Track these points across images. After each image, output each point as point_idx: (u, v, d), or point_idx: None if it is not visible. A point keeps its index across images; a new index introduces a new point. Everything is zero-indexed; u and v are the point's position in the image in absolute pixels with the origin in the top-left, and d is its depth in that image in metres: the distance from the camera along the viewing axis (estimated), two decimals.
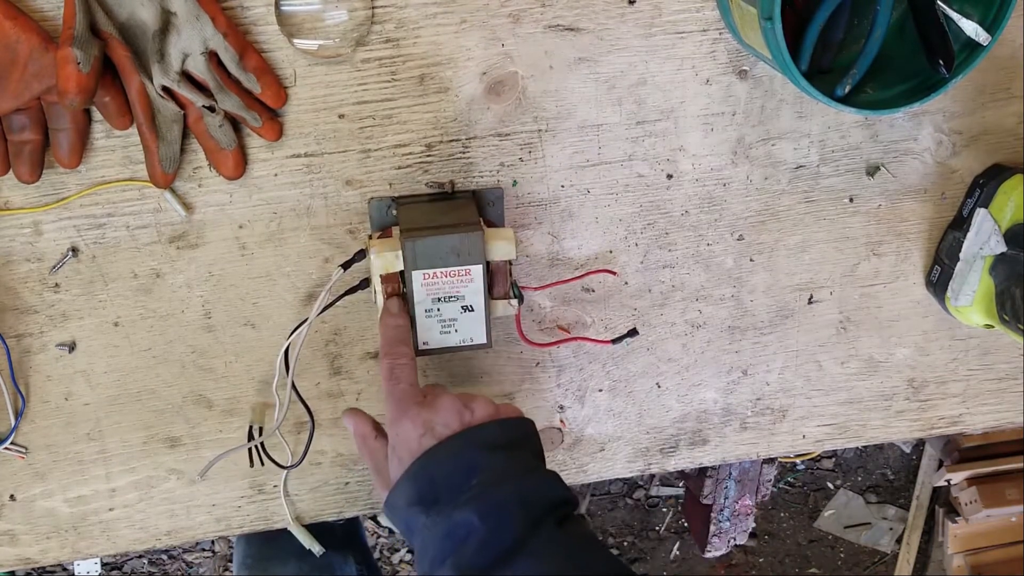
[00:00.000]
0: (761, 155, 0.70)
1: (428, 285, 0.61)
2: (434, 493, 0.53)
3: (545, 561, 0.49)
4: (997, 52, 0.69)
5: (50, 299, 0.67)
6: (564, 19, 0.64)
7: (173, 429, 0.72)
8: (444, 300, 0.62)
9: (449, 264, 0.60)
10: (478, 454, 0.53)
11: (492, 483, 0.52)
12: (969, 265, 0.71)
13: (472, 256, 0.60)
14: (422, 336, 0.63)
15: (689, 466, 0.80)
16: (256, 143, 0.64)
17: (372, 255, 0.61)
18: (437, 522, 0.52)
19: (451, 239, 0.60)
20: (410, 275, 0.61)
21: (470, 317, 0.62)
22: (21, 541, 0.73)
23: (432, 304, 0.62)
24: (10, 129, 0.60)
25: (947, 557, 1.78)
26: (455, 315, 0.62)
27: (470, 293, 0.62)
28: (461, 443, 0.54)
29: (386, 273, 0.62)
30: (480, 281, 0.61)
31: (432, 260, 0.60)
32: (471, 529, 0.50)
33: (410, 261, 0.60)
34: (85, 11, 0.55)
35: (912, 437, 0.83)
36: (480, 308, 0.62)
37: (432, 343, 0.63)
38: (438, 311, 0.62)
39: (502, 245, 0.62)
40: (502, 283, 0.63)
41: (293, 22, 0.61)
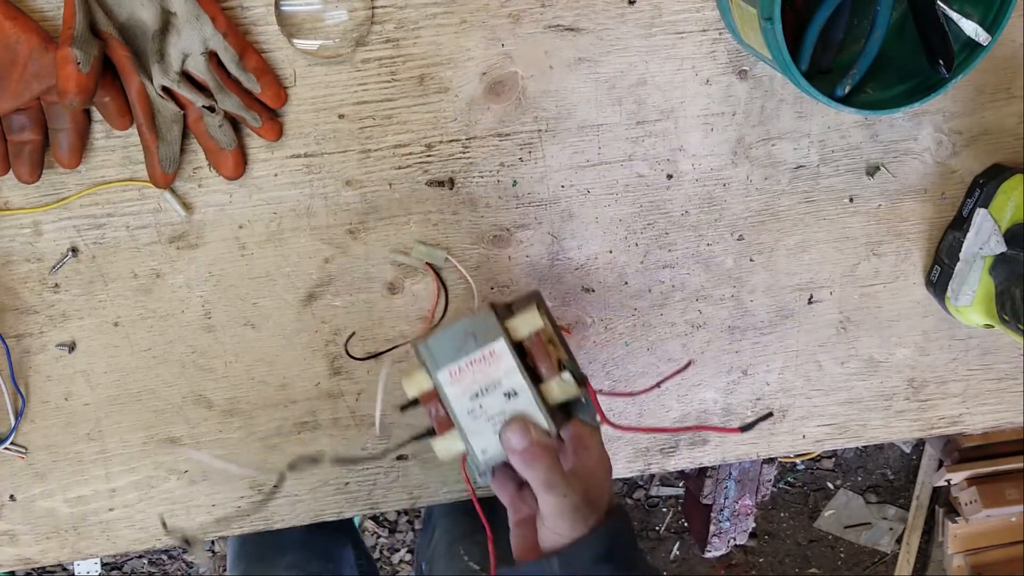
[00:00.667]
0: (761, 155, 0.70)
1: (458, 382, 0.55)
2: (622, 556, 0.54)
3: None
4: (997, 52, 0.69)
5: (50, 299, 0.67)
6: (564, 19, 0.64)
7: (173, 429, 0.72)
8: (483, 393, 0.55)
9: (470, 349, 0.54)
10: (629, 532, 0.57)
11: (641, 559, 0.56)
12: (969, 265, 0.71)
13: (489, 332, 0.54)
14: (477, 444, 0.55)
15: (689, 466, 0.80)
16: (256, 143, 0.64)
17: (404, 383, 0.56)
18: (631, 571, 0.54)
19: (461, 324, 0.55)
20: (435, 378, 0.55)
21: (518, 404, 0.55)
22: (21, 541, 0.73)
23: (472, 403, 0.55)
24: (10, 129, 0.60)
25: (947, 557, 1.78)
26: (501, 407, 0.55)
27: (506, 376, 0.54)
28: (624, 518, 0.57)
29: (423, 393, 0.56)
30: (509, 358, 0.54)
31: (451, 354, 0.55)
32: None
33: (431, 362, 0.55)
34: (85, 11, 0.55)
35: (912, 437, 0.83)
36: (524, 389, 0.55)
37: (491, 449, 0.55)
38: (480, 407, 0.55)
39: (524, 319, 0.55)
40: (545, 360, 0.55)
41: (293, 22, 0.61)
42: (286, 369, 0.71)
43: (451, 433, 0.56)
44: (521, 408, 0.55)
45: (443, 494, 0.77)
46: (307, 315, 0.70)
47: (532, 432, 0.54)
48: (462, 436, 0.56)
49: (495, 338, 0.54)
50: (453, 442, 0.56)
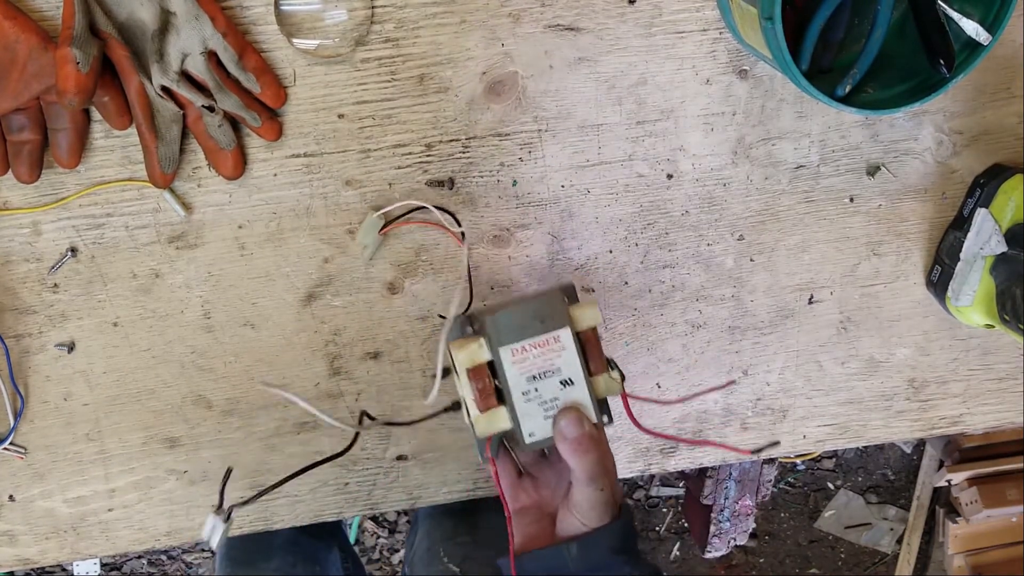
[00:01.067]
0: (761, 155, 0.70)
1: (519, 363, 0.55)
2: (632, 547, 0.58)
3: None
4: (997, 52, 0.69)
5: (49, 299, 0.67)
6: (564, 19, 0.64)
7: (172, 429, 0.72)
8: (540, 377, 0.55)
9: (536, 332, 0.55)
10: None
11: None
12: (969, 265, 0.71)
13: (557, 319, 0.55)
14: (526, 426, 0.56)
15: (689, 466, 0.80)
16: (255, 143, 0.64)
17: (454, 351, 0.55)
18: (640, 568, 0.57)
19: (531, 304, 0.55)
20: (498, 354, 0.55)
21: (571, 392, 0.56)
22: (20, 541, 0.73)
23: (528, 385, 0.55)
24: (9, 129, 0.60)
25: (947, 557, 1.78)
26: (555, 393, 0.56)
27: (565, 364, 0.55)
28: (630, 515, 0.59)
29: (473, 366, 0.55)
30: (572, 346, 0.55)
31: (517, 332, 0.55)
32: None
33: (495, 338, 0.54)
34: (84, 11, 0.55)
35: (912, 437, 0.82)
36: (580, 380, 0.56)
37: (538, 433, 0.56)
38: (536, 391, 0.55)
39: (587, 312, 0.56)
40: (597, 356, 0.57)
41: (293, 22, 0.61)
42: (286, 369, 0.71)
43: (497, 411, 0.56)
44: (574, 397, 0.56)
45: (443, 494, 0.77)
46: (307, 315, 0.70)
47: (585, 423, 0.55)
48: (512, 416, 0.55)
49: (562, 325, 0.55)
50: (499, 420, 0.56)
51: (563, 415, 0.55)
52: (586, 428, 0.55)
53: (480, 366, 0.55)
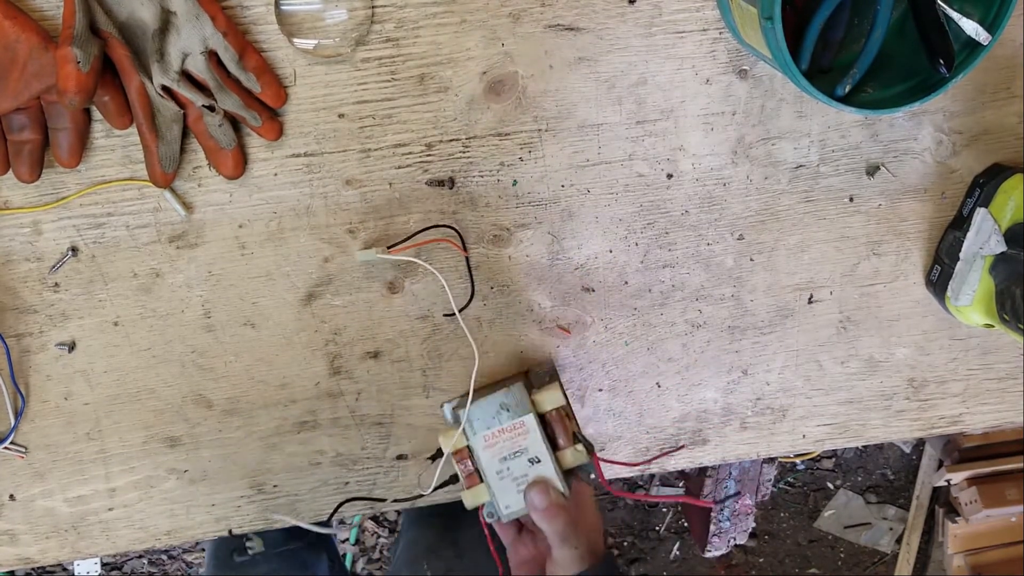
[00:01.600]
0: (761, 155, 0.70)
1: (491, 447, 0.66)
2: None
3: None
4: (997, 52, 0.69)
5: (50, 299, 0.67)
6: (564, 19, 0.64)
7: (173, 429, 0.72)
8: (510, 458, 0.66)
9: (503, 420, 0.65)
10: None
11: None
12: (969, 265, 0.71)
13: (520, 407, 0.65)
14: (503, 501, 0.66)
15: (689, 466, 0.80)
16: (256, 143, 0.64)
17: (440, 439, 0.66)
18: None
19: (496, 396, 0.65)
20: (471, 441, 0.66)
21: (540, 469, 0.66)
22: (21, 541, 0.73)
23: (500, 465, 0.66)
24: (10, 129, 0.60)
25: (947, 557, 1.78)
26: (524, 470, 0.66)
27: (531, 445, 0.65)
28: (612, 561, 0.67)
29: (456, 451, 0.66)
30: (535, 430, 0.65)
31: (487, 422, 0.65)
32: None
33: (469, 429, 0.65)
34: (85, 10, 0.55)
35: (912, 437, 0.83)
36: (546, 457, 0.65)
37: (513, 506, 0.66)
38: (508, 470, 0.66)
39: (549, 395, 0.66)
40: (563, 432, 0.66)
41: (293, 22, 0.61)
42: (286, 369, 0.71)
43: (479, 487, 0.66)
44: (541, 472, 0.66)
45: (443, 494, 0.77)
46: (307, 315, 0.70)
47: (552, 494, 0.65)
48: (490, 492, 0.66)
49: (525, 412, 0.65)
50: (481, 495, 0.67)
51: (531, 488, 0.65)
52: (552, 498, 0.64)
53: (462, 450, 0.66)
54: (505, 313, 0.72)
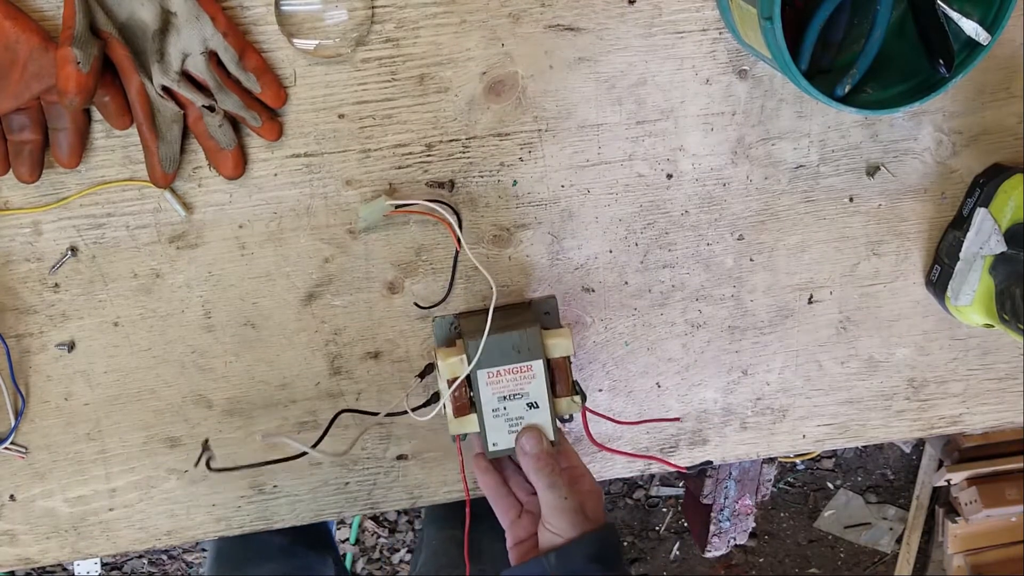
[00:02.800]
0: (761, 155, 0.70)
1: (493, 384, 0.63)
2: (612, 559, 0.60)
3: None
4: (997, 52, 0.69)
5: (50, 299, 0.67)
6: (564, 19, 0.64)
7: (173, 429, 0.72)
8: (509, 398, 0.64)
9: (511, 361, 0.63)
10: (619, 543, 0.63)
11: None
12: (969, 265, 0.71)
13: (532, 352, 0.63)
14: (491, 437, 0.65)
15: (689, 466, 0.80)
16: (256, 143, 0.64)
17: (439, 363, 0.64)
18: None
19: (511, 336, 0.63)
20: (475, 374, 0.63)
21: (535, 414, 0.64)
22: (21, 541, 0.73)
23: (499, 403, 0.64)
24: (10, 129, 0.60)
25: (947, 557, 1.78)
26: (521, 413, 0.64)
27: (533, 390, 0.64)
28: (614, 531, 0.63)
29: (452, 378, 0.64)
30: (542, 377, 0.64)
31: (495, 358, 0.63)
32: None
33: (474, 360, 0.63)
34: (85, 11, 0.55)
35: (912, 437, 0.83)
36: (545, 404, 0.64)
37: (501, 444, 0.65)
38: (504, 410, 0.64)
39: (560, 343, 0.64)
40: (564, 380, 0.65)
41: (293, 22, 0.61)
42: (286, 369, 0.71)
43: (468, 418, 0.65)
44: (537, 420, 0.64)
45: (443, 494, 0.77)
46: (307, 315, 0.70)
47: (544, 442, 0.64)
48: (480, 426, 0.64)
49: (536, 358, 0.63)
50: (468, 425, 0.65)
51: (525, 433, 0.64)
52: (544, 446, 0.63)
53: (459, 378, 0.64)
54: None
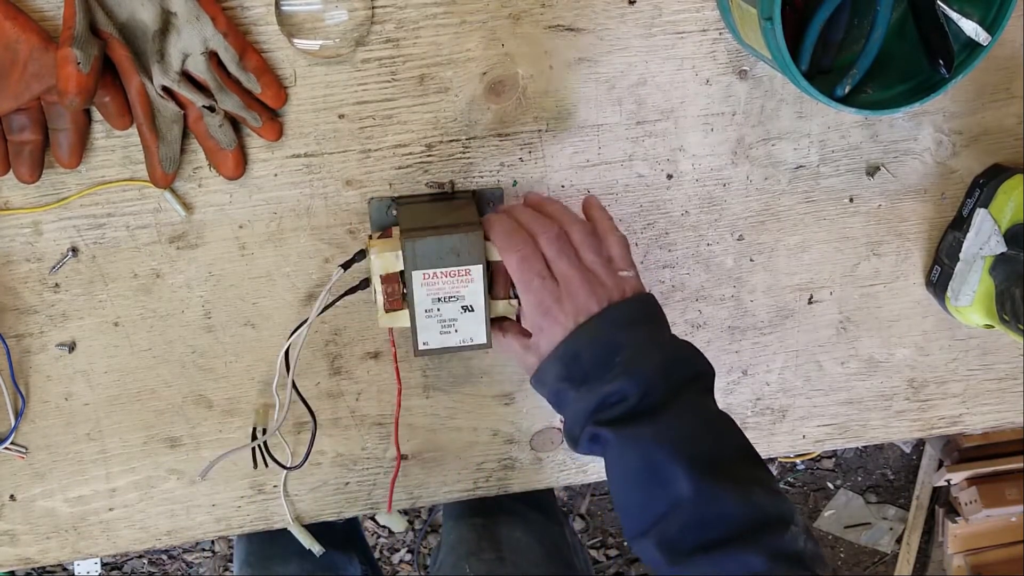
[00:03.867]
0: (761, 155, 0.70)
1: (428, 285, 0.61)
2: (583, 371, 0.57)
3: (684, 421, 0.55)
4: (997, 52, 0.69)
5: (50, 299, 0.67)
6: (564, 19, 0.64)
7: (173, 429, 0.72)
8: (444, 300, 0.61)
9: (449, 264, 0.60)
10: (618, 333, 0.57)
11: (633, 359, 0.56)
12: (969, 265, 0.71)
13: (472, 256, 0.60)
14: (422, 336, 0.62)
15: None
16: (256, 143, 0.64)
17: (372, 256, 0.61)
18: (588, 396, 0.56)
19: (451, 239, 0.60)
20: (410, 275, 0.60)
21: (470, 317, 0.62)
22: (21, 541, 0.73)
23: (432, 304, 0.61)
24: (10, 129, 0.60)
25: (947, 557, 1.78)
26: (455, 315, 0.62)
27: (470, 293, 0.61)
28: (600, 324, 0.58)
29: (386, 273, 0.62)
30: (480, 282, 0.61)
31: (432, 260, 0.60)
32: (624, 395, 0.55)
33: (410, 261, 0.60)
34: (85, 11, 0.55)
35: (912, 437, 0.83)
36: (480, 308, 0.62)
37: (432, 343, 0.63)
38: (438, 311, 0.62)
39: None
40: (503, 284, 0.63)
41: (293, 22, 0.61)
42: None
43: (400, 313, 0.63)
44: (471, 322, 0.63)
45: (443, 493, 0.77)
46: (307, 315, 0.70)
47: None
48: (412, 325, 0.62)
49: (476, 262, 0.61)
50: (399, 319, 0.63)
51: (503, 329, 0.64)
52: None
53: (392, 274, 0.62)
54: None
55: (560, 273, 0.59)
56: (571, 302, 0.58)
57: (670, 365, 0.57)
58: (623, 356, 0.56)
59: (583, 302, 0.58)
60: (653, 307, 0.61)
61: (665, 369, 0.56)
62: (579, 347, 0.58)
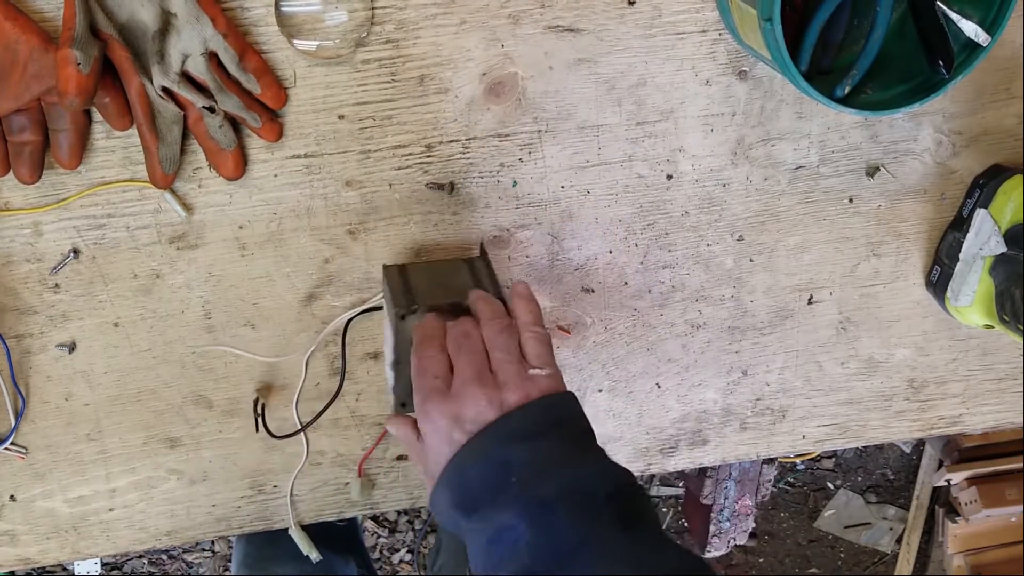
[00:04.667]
0: (761, 156, 0.70)
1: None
2: (471, 497, 0.48)
3: (609, 563, 0.43)
4: (997, 53, 0.69)
5: (50, 300, 0.67)
6: (564, 20, 0.64)
7: (173, 429, 0.72)
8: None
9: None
10: (511, 448, 0.48)
11: (531, 479, 0.46)
12: (969, 265, 0.71)
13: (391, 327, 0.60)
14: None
15: (689, 466, 0.80)
16: (256, 144, 0.64)
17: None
18: (481, 527, 0.47)
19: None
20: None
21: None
22: (21, 541, 0.73)
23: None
24: (10, 130, 0.60)
25: (947, 557, 1.78)
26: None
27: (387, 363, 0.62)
28: (491, 438, 0.48)
29: None
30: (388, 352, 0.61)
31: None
32: (517, 534, 0.45)
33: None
34: (85, 12, 0.55)
35: (912, 437, 0.83)
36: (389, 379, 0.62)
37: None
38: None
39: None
40: None
41: (293, 23, 0.61)
42: (286, 369, 0.71)
43: None
44: None
45: None
46: (307, 315, 0.70)
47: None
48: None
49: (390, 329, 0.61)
50: None
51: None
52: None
53: None
54: None
55: (457, 375, 0.51)
56: (461, 410, 0.49)
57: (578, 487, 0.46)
58: (516, 478, 0.46)
59: (476, 410, 0.49)
60: (565, 410, 0.51)
61: (568, 492, 0.45)
62: (466, 466, 0.48)
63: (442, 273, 0.64)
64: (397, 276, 0.64)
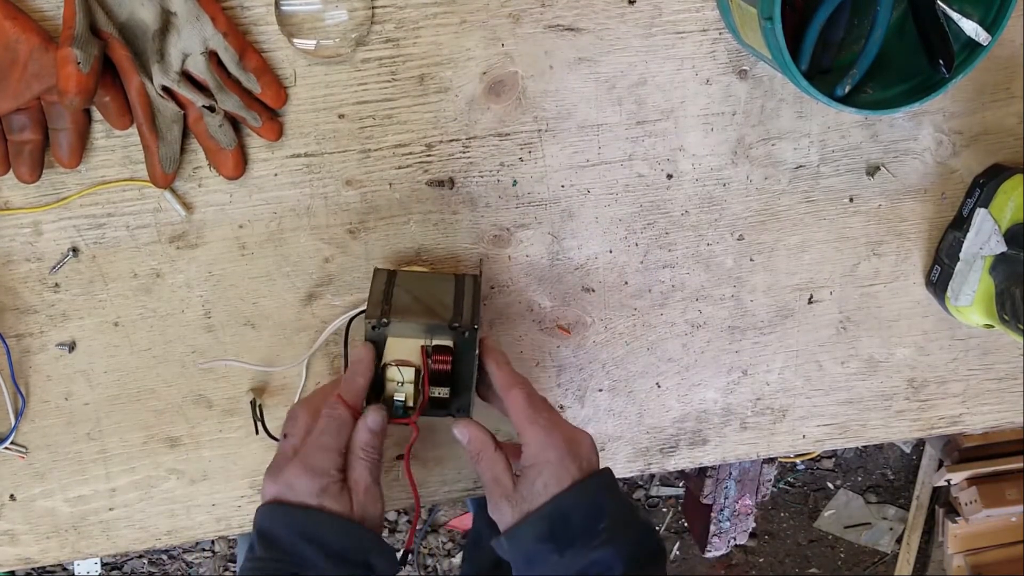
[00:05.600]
0: (761, 155, 0.70)
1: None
2: (570, 534, 0.53)
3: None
4: (997, 52, 0.69)
5: (50, 299, 0.67)
6: (564, 19, 0.64)
7: (173, 429, 0.72)
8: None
9: None
10: (607, 497, 0.55)
11: (618, 527, 0.53)
12: (969, 265, 0.71)
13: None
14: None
15: (689, 466, 0.80)
16: (256, 143, 0.64)
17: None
18: (570, 563, 0.53)
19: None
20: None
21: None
22: (21, 541, 0.73)
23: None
24: (10, 129, 0.60)
25: (947, 557, 1.78)
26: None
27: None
28: (598, 484, 0.55)
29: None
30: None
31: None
32: (607, 567, 0.52)
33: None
34: (85, 11, 0.55)
35: (912, 437, 0.83)
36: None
37: None
38: None
39: None
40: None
41: (293, 22, 0.61)
42: (286, 369, 0.71)
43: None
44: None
45: (443, 493, 0.77)
46: (307, 315, 0.70)
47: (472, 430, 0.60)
48: None
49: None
50: None
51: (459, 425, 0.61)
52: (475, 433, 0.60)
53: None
54: (505, 313, 0.72)
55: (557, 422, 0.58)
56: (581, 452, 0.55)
57: (645, 538, 0.54)
58: (606, 523, 0.53)
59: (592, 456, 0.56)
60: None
61: (642, 542, 0.54)
62: (570, 506, 0.54)
63: (428, 287, 0.64)
64: (383, 283, 0.64)
